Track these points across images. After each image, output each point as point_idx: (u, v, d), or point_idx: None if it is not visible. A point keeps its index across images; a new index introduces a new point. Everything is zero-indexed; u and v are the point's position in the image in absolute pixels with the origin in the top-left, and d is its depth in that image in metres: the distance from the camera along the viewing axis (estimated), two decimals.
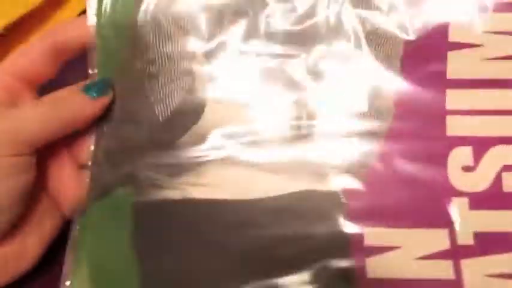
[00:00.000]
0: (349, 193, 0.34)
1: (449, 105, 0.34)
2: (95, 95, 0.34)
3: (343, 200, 0.34)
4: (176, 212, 0.35)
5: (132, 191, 0.35)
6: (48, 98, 0.34)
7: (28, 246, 0.34)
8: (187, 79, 0.35)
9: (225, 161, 0.35)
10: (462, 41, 0.34)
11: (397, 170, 0.34)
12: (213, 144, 0.35)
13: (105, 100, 0.35)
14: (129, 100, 0.36)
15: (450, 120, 0.34)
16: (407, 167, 0.34)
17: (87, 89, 0.34)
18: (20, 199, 0.32)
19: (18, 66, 0.35)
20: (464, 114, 0.34)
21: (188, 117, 0.35)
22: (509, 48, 0.34)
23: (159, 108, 0.35)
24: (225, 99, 0.35)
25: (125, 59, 0.36)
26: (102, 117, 0.36)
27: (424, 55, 0.35)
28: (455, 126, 0.34)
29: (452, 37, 0.34)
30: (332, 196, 0.34)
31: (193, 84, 0.35)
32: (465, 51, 0.34)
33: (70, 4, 0.48)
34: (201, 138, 0.35)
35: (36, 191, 0.34)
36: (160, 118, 0.35)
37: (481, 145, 0.34)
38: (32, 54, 0.35)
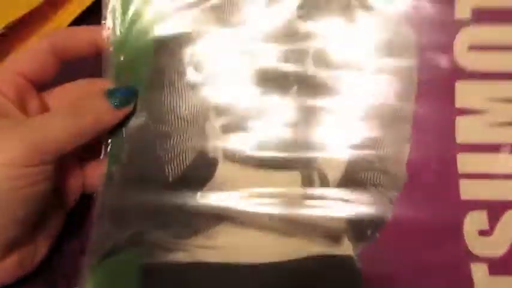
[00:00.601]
0: (364, 258, 0.33)
1: (461, 169, 0.34)
2: (118, 104, 0.34)
3: (359, 264, 0.33)
4: (185, 275, 0.33)
5: (140, 253, 0.34)
6: (71, 106, 0.34)
7: (38, 245, 0.34)
8: (200, 139, 0.35)
9: (236, 223, 0.34)
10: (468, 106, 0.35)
11: (411, 235, 0.34)
12: (223, 205, 0.34)
13: (127, 110, 0.35)
14: (138, 159, 0.36)
15: (463, 184, 0.34)
16: (422, 232, 0.34)
17: (110, 95, 0.34)
18: (36, 209, 0.31)
19: (24, 65, 0.35)
20: (477, 178, 0.34)
21: (199, 177, 0.35)
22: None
23: (169, 168, 0.35)
24: (237, 159, 0.35)
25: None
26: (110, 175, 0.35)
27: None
28: (468, 190, 0.34)
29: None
30: (347, 261, 0.33)
31: (206, 144, 0.35)
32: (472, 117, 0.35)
33: (70, 4, 0.47)
34: (211, 199, 0.34)
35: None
36: (170, 178, 0.35)
37: (496, 209, 0.34)
38: (36, 54, 0.35)
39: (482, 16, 0.35)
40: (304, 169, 0.35)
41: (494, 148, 0.35)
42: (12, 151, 0.30)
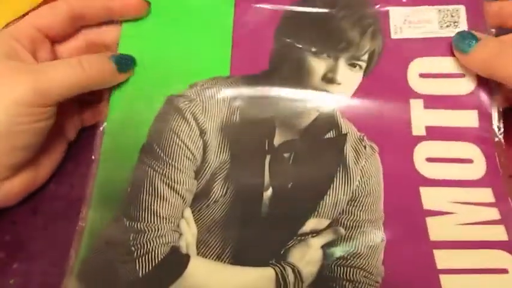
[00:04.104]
0: None
1: (440, 264, 0.35)
2: (119, 69, 0.38)
3: None
4: None
5: None
6: (79, 59, 0.37)
7: (40, 173, 0.40)
8: (175, 235, 0.35)
9: None
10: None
11: None
12: None
13: (125, 76, 0.40)
14: (110, 253, 0.35)
15: (444, 279, 0.34)
16: None
17: (116, 60, 0.39)
18: (41, 139, 0.37)
19: (42, 21, 0.39)
20: (457, 273, 0.34)
21: (169, 274, 0.34)
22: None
23: (140, 263, 0.34)
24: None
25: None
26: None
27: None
28: (450, 286, 0.34)
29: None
30: None
31: (179, 241, 0.35)
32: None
33: None
34: None
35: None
36: (141, 274, 0.34)
37: None
38: (55, 13, 0.39)
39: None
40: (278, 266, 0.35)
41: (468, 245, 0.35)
42: (20, 91, 0.34)
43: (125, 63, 0.40)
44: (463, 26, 0.41)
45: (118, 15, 0.42)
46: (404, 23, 0.42)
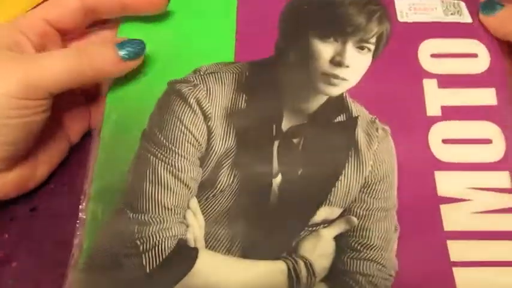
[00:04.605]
0: None
1: (453, 257, 0.33)
2: (126, 56, 0.35)
3: None
4: None
5: None
6: (77, 48, 0.34)
7: (38, 170, 0.38)
8: (181, 227, 0.34)
9: None
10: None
11: None
12: None
13: (133, 64, 0.36)
14: (114, 247, 0.33)
15: (457, 272, 0.33)
16: None
17: (120, 46, 0.35)
18: (33, 134, 0.34)
19: (53, 14, 0.37)
20: (471, 265, 0.33)
21: (178, 269, 0.32)
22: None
23: (147, 257, 0.33)
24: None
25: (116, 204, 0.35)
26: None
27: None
28: (464, 279, 0.33)
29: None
30: None
31: (186, 233, 0.34)
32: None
33: None
34: None
35: (49, 124, 0.35)
36: (148, 269, 0.32)
37: None
38: (65, 6, 0.37)
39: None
40: (290, 259, 0.33)
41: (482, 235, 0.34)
42: (9, 83, 0.31)
43: (132, 50, 0.36)
44: (466, 15, 0.41)
45: (133, 11, 0.39)
46: (410, 9, 0.41)
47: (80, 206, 0.35)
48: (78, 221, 0.35)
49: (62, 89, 0.34)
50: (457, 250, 0.33)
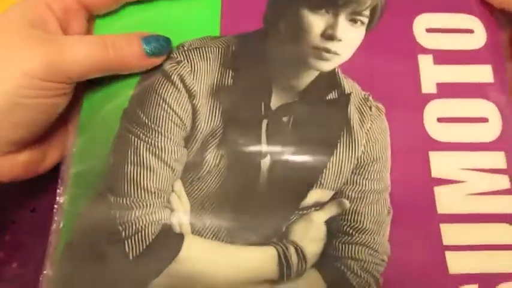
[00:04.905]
0: None
1: (446, 240, 0.32)
2: (149, 52, 0.34)
3: None
4: None
5: None
6: (103, 38, 0.33)
7: (48, 155, 0.36)
8: (165, 212, 0.32)
9: None
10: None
11: None
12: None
13: (156, 60, 0.35)
14: (95, 234, 0.32)
15: (449, 256, 0.32)
16: None
17: (146, 41, 0.34)
18: (49, 117, 0.33)
19: None
20: (463, 249, 0.32)
21: (163, 255, 0.31)
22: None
23: (129, 244, 0.31)
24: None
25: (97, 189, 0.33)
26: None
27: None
28: (455, 263, 0.32)
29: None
30: None
31: (170, 218, 0.32)
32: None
33: None
34: (178, 281, 0.31)
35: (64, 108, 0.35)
36: (131, 256, 0.31)
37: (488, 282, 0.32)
38: None
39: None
40: (280, 245, 0.32)
41: (476, 218, 0.33)
42: (33, 63, 0.31)
43: (157, 48, 0.34)
44: None
45: None
46: None
47: (58, 191, 0.33)
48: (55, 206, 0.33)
49: (84, 77, 0.33)
50: (450, 234, 0.33)
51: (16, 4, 0.34)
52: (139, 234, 0.31)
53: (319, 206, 0.33)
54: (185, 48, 0.35)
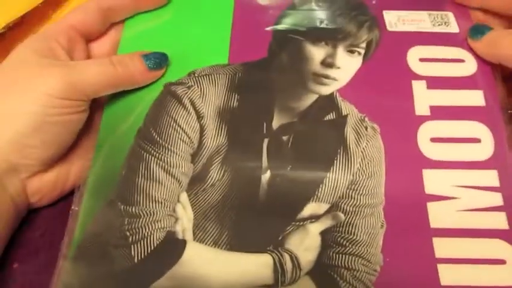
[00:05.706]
0: None
1: (438, 253, 0.33)
2: (151, 66, 0.39)
3: None
4: None
5: None
6: (110, 59, 0.38)
7: (71, 173, 0.39)
8: (170, 220, 0.34)
9: None
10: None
11: None
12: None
13: (157, 74, 0.40)
14: (104, 238, 0.34)
15: (441, 268, 0.33)
16: None
17: (146, 57, 0.39)
18: (71, 133, 0.38)
19: (76, 19, 0.41)
20: (455, 262, 0.33)
21: (166, 260, 0.33)
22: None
23: (135, 248, 0.33)
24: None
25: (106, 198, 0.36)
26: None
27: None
28: (448, 275, 0.33)
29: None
30: None
31: (175, 225, 0.34)
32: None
33: (69, 4, 0.49)
34: (178, 283, 0.32)
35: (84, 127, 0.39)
36: (136, 260, 0.33)
37: None
38: (86, 10, 0.41)
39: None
40: (276, 252, 0.34)
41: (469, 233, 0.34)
42: (53, 84, 0.35)
43: (157, 62, 0.40)
44: (454, 26, 0.42)
45: (144, 6, 0.44)
46: (398, 21, 0.43)
47: (74, 198, 0.36)
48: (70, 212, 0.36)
49: (99, 94, 0.38)
50: (442, 247, 0.33)
51: (25, 41, 0.38)
52: (145, 239, 0.33)
53: (315, 218, 0.35)
54: (196, 74, 0.39)
